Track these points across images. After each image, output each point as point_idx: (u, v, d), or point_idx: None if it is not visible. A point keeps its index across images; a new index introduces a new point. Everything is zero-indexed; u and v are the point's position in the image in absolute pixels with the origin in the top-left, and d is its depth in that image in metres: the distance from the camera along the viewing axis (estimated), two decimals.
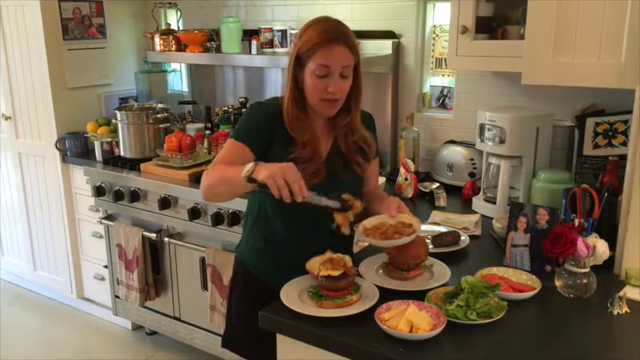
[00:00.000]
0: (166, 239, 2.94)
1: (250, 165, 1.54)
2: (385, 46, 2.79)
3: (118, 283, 3.19)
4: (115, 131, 3.25)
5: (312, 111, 1.74)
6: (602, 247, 1.60)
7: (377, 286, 1.58)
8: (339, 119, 1.75)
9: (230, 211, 2.66)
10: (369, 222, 1.70)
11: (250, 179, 1.52)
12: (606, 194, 1.77)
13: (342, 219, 1.57)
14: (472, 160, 2.56)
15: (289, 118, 1.71)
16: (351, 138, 1.77)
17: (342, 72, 1.65)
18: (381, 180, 2.51)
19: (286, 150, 1.71)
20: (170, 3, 3.51)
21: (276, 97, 1.80)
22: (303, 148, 1.70)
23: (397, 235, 1.61)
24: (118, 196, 3.04)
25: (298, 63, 1.68)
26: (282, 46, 2.97)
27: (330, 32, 1.64)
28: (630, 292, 1.57)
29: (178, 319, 3.08)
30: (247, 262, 1.87)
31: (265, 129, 1.72)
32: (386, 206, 1.72)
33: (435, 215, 2.23)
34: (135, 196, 2.98)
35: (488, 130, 2.21)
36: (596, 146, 2.14)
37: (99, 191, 3.11)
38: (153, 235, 2.97)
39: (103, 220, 3.17)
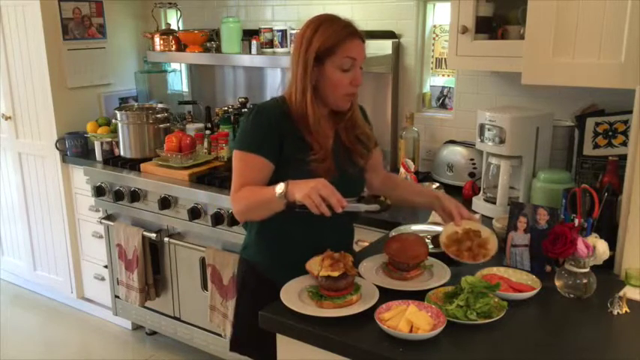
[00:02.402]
0: (166, 239, 2.94)
1: (281, 186, 1.55)
2: (385, 46, 2.79)
3: (118, 283, 3.19)
4: (115, 131, 3.25)
5: (322, 109, 1.75)
6: (602, 247, 1.60)
7: (377, 286, 1.58)
8: (341, 114, 1.78)
9: (230, 211, 2.65)
10: (442, 236, 1.75)
11: (289, 203, 1.54)
12: (606, 194, 1.77)
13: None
14: (472, 160, 2.56)
15: (314, 120, 1.69)
16: (353, 132, 1.79)
17: (360, 65, 1.71)
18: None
19: (300, 153, 1.69)
20: (170, 3, 3.51)
21: (275, 99, 1.78)
22: (320, 149, 1.69)
23: (484, 251, 1.68)
24: (118, 196, 3.04)
25: (318, 62, 1.67)
26: (282, 46, 2.97)
27: (350, 27, 1.70)
28: (630, 292, 1.57)
29: (178, 319, 3.08)
30: (259, 265, 1.84)
31: (272, 134, 1.69)
32: (446, 213, 1.78)
33: (435, 215, 2.22)
34: (135, 196, 2.98)
35: (488, 130, 2.21)
36: (596, 146, 2.14)
37: (99, 191, 3.11)
38: (153, 235, 2.97)
39: (103, 220, 3.17)
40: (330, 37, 1.66)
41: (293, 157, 1.70)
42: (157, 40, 3.32)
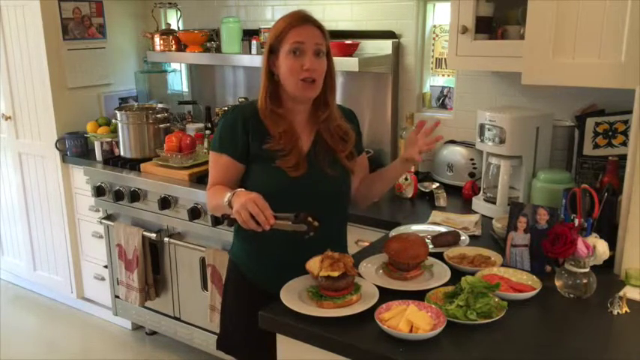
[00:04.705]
0: (166, 239, 2.94)
1: (229, 195, 1.59)
2: (385, 46, 2.79)
3: (118, 283, 3.19)
4: (115, 131, 3.25)
5: (291, 105, 1.75)
6: (602, 247, 1.60)
7: (377, 286, 1.58)
8: (318, 113, 1.77)
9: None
10: (451, 252, 1.80)
11: (225, 215, 1.61)
12: (606, 194, 1.77)
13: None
14: (472, 160, 2.56)
15: (263, 110, 1.73)
16: (330, 125, 1.78)
17: (315, 50, 1.68)
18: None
19: (263, 144, 1.72)
20: (170, 3, 3.51)
21: (255, 99, 1.82)
22: (280, 139, 1.71)
23: (484, 265, 1.70)
24: (118, 196, 3.04)
25: (272, 53, 1.72)
26: None
27: (298, 14, 1.71)
28: (630, 292, 1.57)
29: (178, 319, 3.08)
30: (240, 264, 1.87)
31: (240, 131, 1.73)
32: (414, 149, 1.75)
33: (435, 215, 2.23)
34: (135, 196, 2.98)
35: (488, 130, 2.22)
36: (596, 146, 2.14)
37: (99, 191, 3.11)
38: (153, 235, 2.97)
39: (103, 220, 3.17)
40: (279, 28, 1.70)
41: (259, 154, 1.73)
42: (157, 40, 3.32)
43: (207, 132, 3.14)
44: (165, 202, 2.86)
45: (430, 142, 1.76)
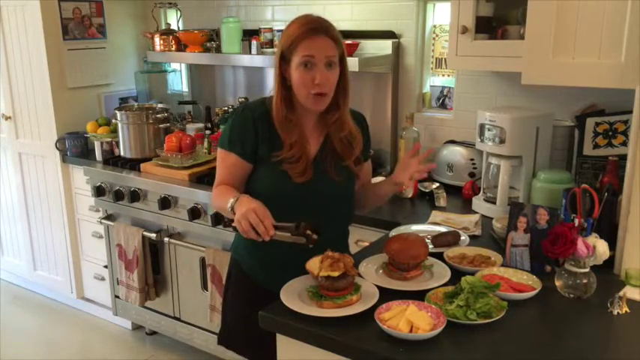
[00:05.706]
0: (166, 239, 2.94)
1: (232, 201, 1.59)
2: (385, 46, 2.79)
3: (118, 283, 3.19)
4: (115, 131, 3.25)
5: (301, 109, 1.73)
6: (602, 247, 1.60)
7: (377, 286, 1.58)
8: (329, 116, 1.75)
9: None
10: (451, 252, 1.80)
11: (229, 221, 1.62)
12: (606, 194, 1.77)
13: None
14: (472, 160, 2.56)
15: (279, 117, 1.71)
16: (341, 133, 1.76)
17: (326, 62, 1.65)
18: (381, 179, 2.50)
19: (272, 153, 1.71)
20: (170, 3, 3.51)
21: (264, 98, 1.80)
22: (290, 150, 1.70)
23: (484, 265, 1.70)
24: (118, 196, 3.04)
25: (283, 60, 1.69)
26: None
27: (311, 24, 1.66)
28: (630, 292, 1.57)
29: (178, 319, 3.08)
30: (241, 261, 1.88)
31: (249, 132, 1.72)
32: (405, 175, 1.75)
33: (435, 215, 2.23)
34: (135, 196, 2.98)
35: (488, 130, 2.21)
36: (596, 146, 2.14)
37: (99, 191, 3.11)
38: (153, 235, 2.97)
39: (103, 220, 3.17)
40: (291, 36, 1.66)
41: (267, 156, 1.72)
42: (157, 40, 3.32)
43: (208, 132, 3.14)
44: (165, 202, 2.86)
45: (423, 170, 1.78)
